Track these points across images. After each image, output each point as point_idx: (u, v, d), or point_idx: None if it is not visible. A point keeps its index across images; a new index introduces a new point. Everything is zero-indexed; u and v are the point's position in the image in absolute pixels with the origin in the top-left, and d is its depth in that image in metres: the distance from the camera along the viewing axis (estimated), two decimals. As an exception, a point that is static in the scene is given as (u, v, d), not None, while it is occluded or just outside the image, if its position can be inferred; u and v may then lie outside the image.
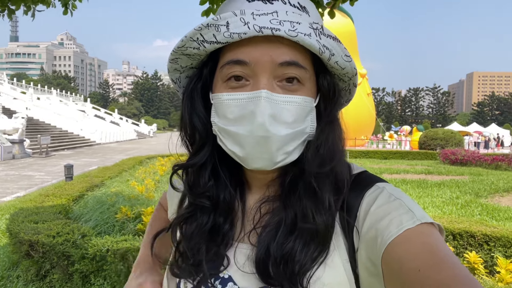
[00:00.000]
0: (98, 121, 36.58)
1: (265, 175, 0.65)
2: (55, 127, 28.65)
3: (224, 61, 0.59)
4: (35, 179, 11.35)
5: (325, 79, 0.62)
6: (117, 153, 21.40)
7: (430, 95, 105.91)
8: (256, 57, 0.56)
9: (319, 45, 0.56)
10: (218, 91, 0.60)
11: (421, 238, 0.50)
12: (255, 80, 0.57)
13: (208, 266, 0.61)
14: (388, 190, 0.59)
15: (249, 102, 0.56)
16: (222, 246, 0.63)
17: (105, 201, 5.06)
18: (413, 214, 0.53)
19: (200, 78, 0.64)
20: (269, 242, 0.59)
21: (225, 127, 0.59)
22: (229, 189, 0.65)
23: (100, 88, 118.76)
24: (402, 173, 13.37)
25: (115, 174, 8.39)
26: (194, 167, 0.65)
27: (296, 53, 0.57)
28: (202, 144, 0.64)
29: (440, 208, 7.51)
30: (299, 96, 0.58)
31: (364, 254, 0.55)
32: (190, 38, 0.58)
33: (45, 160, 17.20)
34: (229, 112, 0.58)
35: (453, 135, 22.79)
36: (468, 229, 4.16)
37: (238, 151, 0.58)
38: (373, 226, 0.54)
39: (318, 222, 0.58)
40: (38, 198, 5.58)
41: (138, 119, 60.56)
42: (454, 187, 10.15)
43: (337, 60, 0.59)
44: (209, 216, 0.65)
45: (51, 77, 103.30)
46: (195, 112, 0.64)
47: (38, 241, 3.65)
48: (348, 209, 0.59)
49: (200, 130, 0.63)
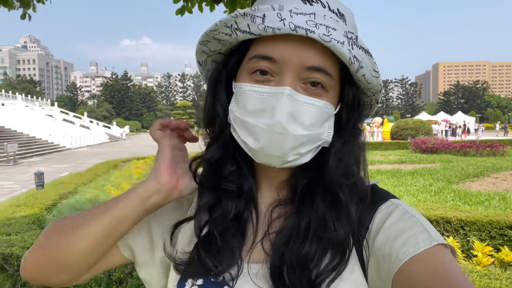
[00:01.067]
0: (67, 126, 35.57)
1: (277, 174, 0.64)
2: (22, 134, 27.63)
3: (253, 53, 0.58)
4: (4, 189, 10.89)
5: (351, 89, 0.61)
6: (89, 157, 20.85)
7: (398, 87, 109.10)
8: (286, 56, 0.56)
9: (350, 55, 0.55)
10: (242, 81, 0.59)
11: (436, 260, 0.50)
12: (280, 77, 0.56)
13: (225, 259, 0.60)
14: (403, 207, 0.59)
15: (271, 97, 0.56)
16: (240, 242, 0.62)
17: (80, 209, 4.92)
18: (429, 234, 0.53)
19: (226, 65, 0.63)
20: (283, 249, 0.58)
21: (242, 117, 0.58)
22: (249, 179, 0.64)
23: (68, 91, 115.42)
24: (377, 164, 13.68)
25: (88, 179, 8.18)
26: (212, 159, 0.63)
27: (325, 59, 0.57)
28: (222, 129, 0.62)
29: (415, 196, 7.73)
30: (321, 100, 0.57)
31: (374, 270, 0.55)
32: (225, 23, 0.57)
33: (13, 168, 16.58)
34: (249, 103, 0.57)
35: (422, 125, 23.54)
36: (444, 215, 4.30)
37: (251, 143, 0.57)
38: (387, 243, 0.54)
39: (339, 233, 0.57)
40: (9, 209, 5.39)
41: (109, 122, 59.24)
42: (426, 175, 10.48)
43: (364, 73, 0.59)
44: (233, 201, 0.63)
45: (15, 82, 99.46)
46: (218, 98, 0.63)
47: (11, 254, 3.51)
48: (360, 222, 0.59)
49: (221, 116, 0.62)
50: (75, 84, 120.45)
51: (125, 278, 3.42)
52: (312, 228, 0.58)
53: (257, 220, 0.64)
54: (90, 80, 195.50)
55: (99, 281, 3.44)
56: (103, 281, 3.44)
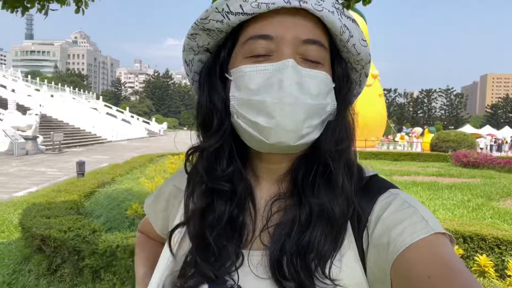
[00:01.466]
0: (109, 119, 36.96)
1: (278, 165, 0.63)
2: (67, 124, 29.04)
3: (247, 36, 0.58)
4: (48, 175, 11.53)
5: (340, 64, 0.62)
6: (127, 150, 21.59)
7: (443, 97, 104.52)
8: (281, 31, 0.56)
9: (341, 23, 0.57)
10: (239, 65, 0.59)
11: (434, 248, 0.50)
12: (279, 54, 0.56)
13: (222, 263, 0.59)
14: (402, 197, 0.58)
15: (275, 72, 0.55)
16: (236, 243, 0.61)
17: (115, 198, 5.13)
18: (427, 223, 0.53)
19: (218, 59, 0.63)
20: (284, 240, 0.57)
21: (247, 97, 0.57)
22: (244, 180, 0.63)
23: (112, 86, 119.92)
24: (413, 175, 13.23)
25: (125, 171, 8.48)
26: (211, 148, 0.62)
27: (318, 32, 0.58)
28: (220, 123, 0.61)
29: (451, 211, 7.42)
30: (322, 71, 0.58)
31: (373, 260, 0.55)
32: (216, 8, 0.57)
33: (57, 156, 17.45)
34: (252, 82, 0.56)
35: (465, 137, 22.48)
36: (479, 232, 4.11)
37: (263, 121, 0.55)
38: (385, 233, 0.54)
39: (334, 207, 0.57)
40: (50, 194, 5.68)
41: (149, 118, 60.96)
42: (465, 190, 10.01)
43: (354, 43, 0.60)
44: (225, 204, 0.62)
45: (64, 75, 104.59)
46: (214, 90, 0.62)
47: (49, 235, 3.71)
48: (359, 212, 0.59)
49: (220, 108, 0.61)
50: (120, 80, 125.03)
51: (152, 268, 3.53)
52: (313, 218, 0.57)
53: (255, 215, 0.63)
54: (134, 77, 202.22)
55: (128, 268, 3.57)
56: (132, 268, 3.57)
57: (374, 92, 28.25)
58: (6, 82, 33.48)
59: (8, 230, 5.64)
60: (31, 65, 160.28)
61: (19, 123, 18.42)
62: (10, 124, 18.23)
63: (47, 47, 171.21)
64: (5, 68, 50.43)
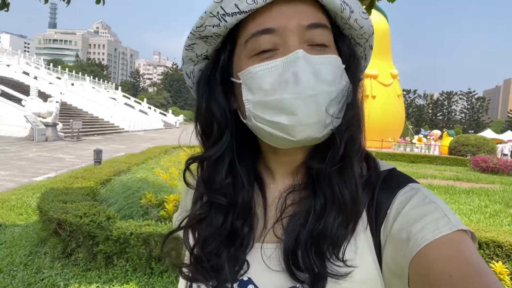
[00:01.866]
0: (127, 109, 37.43)
1: (293, 157, 0.62)
2: (86, 113, 29.55)
3: (248, 34, 0.56)
4: (66, 162, 11.77)
5: (344, 42, 0.61)
6: (144, 141, 21.87)
7: (463, 100, 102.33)
8: (283, 23, 0.54)
9: (340, 1, 0.55)
10: (247, 66, 0.56)
11: (456, 245, 0.48)
12: (285, 46, 0.54)
13: (225, 270, 0.59)
14: (423, 192, 0.56)
15: (287, 66, 0.53)
16: (242, 249, 0.60)
17: (130, 187, 5.19)
18: (449, 219, 0.51)
19: (217, 65, 0.61)
20: (299, 230, 0.56)
21: (263, 99, 0.55)
22: (246, 189, 0.63)
23: (131, 77, 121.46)
24: (429, 178, 13.02)
25: (141, 161, 8.57)
26: (210, 160, 0.61)
27: (319, 15, 0.56)
28: (220, 134, 0.60)
29: (468, 216, 7.28)
30: (332, 55, 0.56)
31: (390, 254, 0.54)
32: (210, 13, 0.55)
33: (76, 144, 17.80)
34: (265, 82, 0.54)
35: (485, 142, 21.97)
36: (495, 239, 4.02)
37: (285, 120, 0.53)
38: (405, 228, 0.52)
39: (344, 193, 0.56)
40: (68, 180, 5.79)
41: (165, 109, 61.61)
42: (483, 195, 9.81)
43: (356, 18, 0.58)
44: (224, 216, 0.62)
45: (85, 64, 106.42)
46: (214, 99, 0.60)
47: (66, 220, 3.79)
48: (377, 206, 0.57)
49: (219, 118, 0.60)
50: (139, 71, 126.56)
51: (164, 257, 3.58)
52: (327, 206, 0.57)
53: (267, 208, 0.63)
54: (152, 68, 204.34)
55: (141, 255, 3.63)
56: (144, 256, 3.63)
57: (393, 92, 27.84)
58: (29, 69, 34.27)
59: (27, 213, 5.79)
60: (53, 53, 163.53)
61: (40, 109, 18.83)
62: (31, 110, 18.65)
63: (69, 36, 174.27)
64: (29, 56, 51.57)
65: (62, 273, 3.62)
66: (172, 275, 3.56)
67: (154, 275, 3.60)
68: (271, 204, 0.64)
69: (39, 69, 36.67)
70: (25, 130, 18.46)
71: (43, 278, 3.53)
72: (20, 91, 22.86)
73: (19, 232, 4.82)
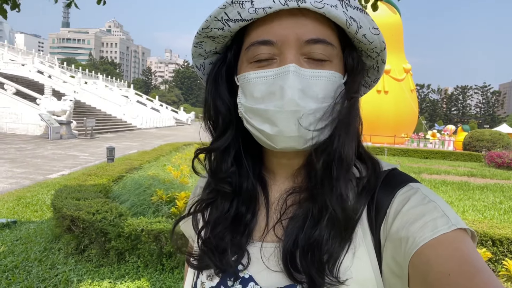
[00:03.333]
0: (140, 107, 37.74)
1: (292, 160, 0.63)
2: (100, 111, 29.89)
3: (249, 42, 0.58)
4: (80, 159, 11.95)
5: (351, 55, 0.60)
6: (156, 138, 22.06)
7: (479, 94, 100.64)
8: (282, 35, 0.55)
9: (346, 16, 0.54)
10: (244, 71, 0.59)
11: (454, 244, 0.48)
12: (282, 57, 0.55)
13: (228, 256, 0.61)
14: (423, 191, 0.56)
15: (277, 78, 0.55)
16: (244, 238, 0.62)
17: (142, 184, 5.25)
18: (448, 218, 0.51)
19: (224, 62, 0.63)
20: (297, 233, 0.57)
21: (252, 106, 0.57)
22: (251, 179, 0.65)
23: (143, 75, 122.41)
24: (443, 174, 12.84)
25: (153, 158, 8.66)
26: (217, 150, 0.64)
27: (323, 29, 0.56)
28: (225, 128, 0.63)
29: (481, 213, 7.17)
30: (327, 70, 0.56)
31: (390, 254, 0.54)
32: (215, 17, 0.57)
33: (89, 141, 18.04)
34: (256, 90, 0.57)
35: (501, 137, 21.55)
36: (509, 236, 3.95)
37: (268, 129, 0.56)
38: (404, 227, 0.52)
39: (335, 207, 0.57)
40: (81, 177, 5.88)
41: (177, 107, 61.90)
42: (498, 192, 9.65)
43: (364, 33, 0.57)
44: (230, 203, 0.64)
45: (98, 63, 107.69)
46: (219, 96, 0.63)
47: (79, 217, 3.86)
48: (377, 206, 0.57)
49: (224, 114, 0.63)
50: (150, 69, 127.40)
51: (175, 253, 3.62)
52: (323, 213, 0.57)
53: (269, 208, 0.64)
54: (164, 66, 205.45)
55: (152, 251, 3.67)
56: (155, 252, 3.67)
57: (406, 87, 27.47)
58: (44, 68, 34.78)
59: (41, 210, 5.91)
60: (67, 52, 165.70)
61: (54, 108, 19.12)
62: (46, 109, 18.97)
63: (82, 35, 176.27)
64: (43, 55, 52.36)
65: (76, 269, 3.69)
66: (183, 271, 3.60)
67: (165, 271, 3.64)
68: (272, 205, 0.65)
69: (53, 68, 37.18)
70: (40, 128, 18.78)
71: (57, 274, 3.61)
72: (35, 90, 23.24)
73: (34, 228, 4.93)
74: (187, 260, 0.67)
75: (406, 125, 28.06)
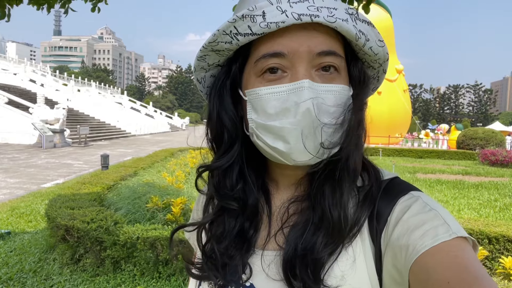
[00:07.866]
0: (134, 113, 37.63)
1: (296, 171, 0.63)
2: (93, 118, 29.77)
3: (258, 54, 0.57)
4: (74, 167, 11.87)
5: (356, 66, 0.61)
6: (150, 144, 21.99)
7: (471, 93, 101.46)
8: (294, 48, 0.55)
9: (356, 30, 0.55)
10: (253, 86, 0.58)
11: (455, 252, 0.48)
12: (294, 71, 0.55)
13: (231, 271, 0.61)
14: (424, 199, 0.57)
15: (291, 94, 0.54)
16: (245, 253, 0.63)
17: (137, 191, 5.22)
18: (449, 226, 0.51)
19: (229, 74, 0.62)
20: (297, 241, 0.58)
21: (265, 122, 0.56)
22: (255, 193, 0.64)
23: (137, 81, 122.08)
24: (438, 173, 12.91)
25: (148, 165, 8.63)
26: (221, 169, 0.63)
27: (332, 42, 0.56)
28: (231, 143, 0.62)
29: (477, 211, 7.20)
30: (338, 84, 0.57)
31: (390, 262, 0.54)
32: (223, 31, 0.56)
33: (83, 149, 17.94)
34: (269, 106, 0.56)
35: (494, 135, 21.72)
36: (505, 233, 3.97)
37: (282, 146, 0.56)
38: (404, 235, 0.53)
39: (333, 213, 0.57)
40: (76, 186, 5.84)
41: (171, 112, 61.82)
42: (492, 189, 9.71)
43: (371, 45, 0.58)
44: (236, 219, 0.64)
45: (91, 70, 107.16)
46: (224, 109, 0.62)
47: (73, 226, 3.82)
48: (378, 214, 0.58)
49: (230, 128, 0.62)
50: (144, 75, 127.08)
51: (171, 260, 3.59)
52: (326, 220, 0.57)
53: (271, 216, 0.65)
54: (157, 72, 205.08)
55: (148, 259, 3.64)
56: (151, 260, 3.64)
57: (399, 88, 27.63)
58: (36, 76, 34.60)
59: (36, 220, 5.85)
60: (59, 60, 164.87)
61: (47, 116, 19.01)
62: (39, 118, 18.85)
63: (74, 43, 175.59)
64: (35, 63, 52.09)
65: (71, 279, 3.65)
66: (180, 278, 3.58)
67: (161, 278, 3.61)
68: (274, 213, 0.65)
69: (46, 77, 36.99)
70: (33, 137, 18.65)
71: (52, 284, 3.56)
72: (27, 98, 23.10)
73: (28, 239, 4.87)
74: (187, 269, 0.67)
75: (400, 125, 28.20)
